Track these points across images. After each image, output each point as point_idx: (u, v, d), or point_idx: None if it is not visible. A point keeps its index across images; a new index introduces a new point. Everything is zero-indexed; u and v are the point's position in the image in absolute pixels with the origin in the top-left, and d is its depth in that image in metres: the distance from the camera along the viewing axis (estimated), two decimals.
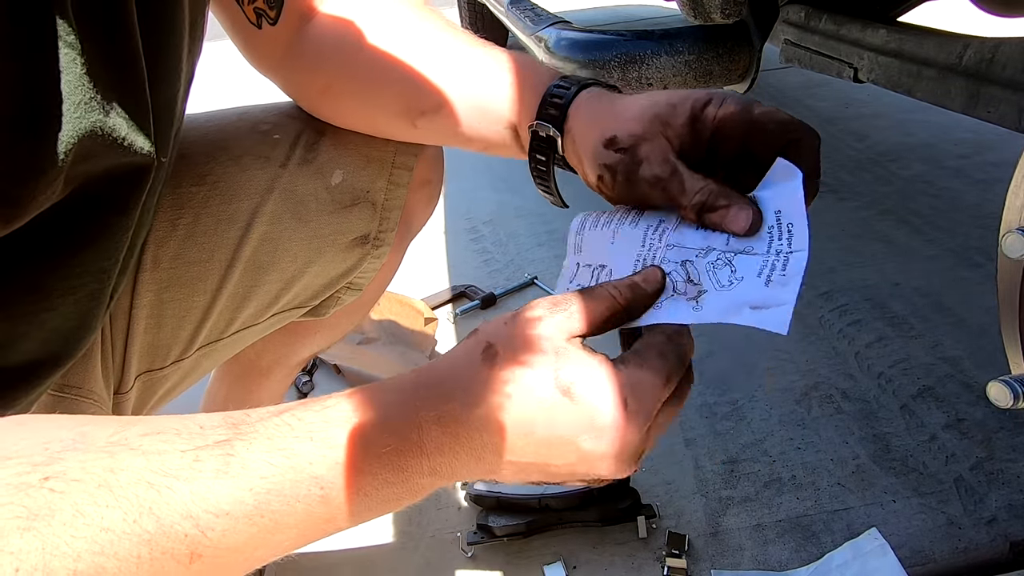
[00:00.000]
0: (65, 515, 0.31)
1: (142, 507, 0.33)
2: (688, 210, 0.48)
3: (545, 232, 1.84)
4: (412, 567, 0.98)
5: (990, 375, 0.66)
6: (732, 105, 0.49)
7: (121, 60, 0.42)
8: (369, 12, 0.66)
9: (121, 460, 0.34)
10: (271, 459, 0.36)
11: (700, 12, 1.19)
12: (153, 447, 0.35)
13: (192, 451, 0.35)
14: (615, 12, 4.22)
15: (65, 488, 0.32)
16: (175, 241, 0.65)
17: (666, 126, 0.50)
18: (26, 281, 0.43)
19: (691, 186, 0.48)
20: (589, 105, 0.55)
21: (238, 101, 0.77)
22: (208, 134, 0.69)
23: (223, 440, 0.36)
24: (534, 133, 0.58)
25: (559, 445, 0.41)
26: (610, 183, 0.52)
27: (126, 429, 0.35)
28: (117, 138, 0.43)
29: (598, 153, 0.52)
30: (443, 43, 0.64)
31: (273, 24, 0.64)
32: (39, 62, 0.37)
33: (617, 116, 0.52)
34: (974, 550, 0.92)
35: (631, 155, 0.50)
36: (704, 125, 0.50)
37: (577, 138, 0.55)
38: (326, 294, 0.75)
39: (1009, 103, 0.82)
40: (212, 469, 0.35)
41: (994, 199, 1.78)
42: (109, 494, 0.32)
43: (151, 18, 0.45)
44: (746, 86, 1.20)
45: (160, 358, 0.67)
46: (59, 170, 0.39)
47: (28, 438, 0.34)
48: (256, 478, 0.36)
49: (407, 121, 0.66)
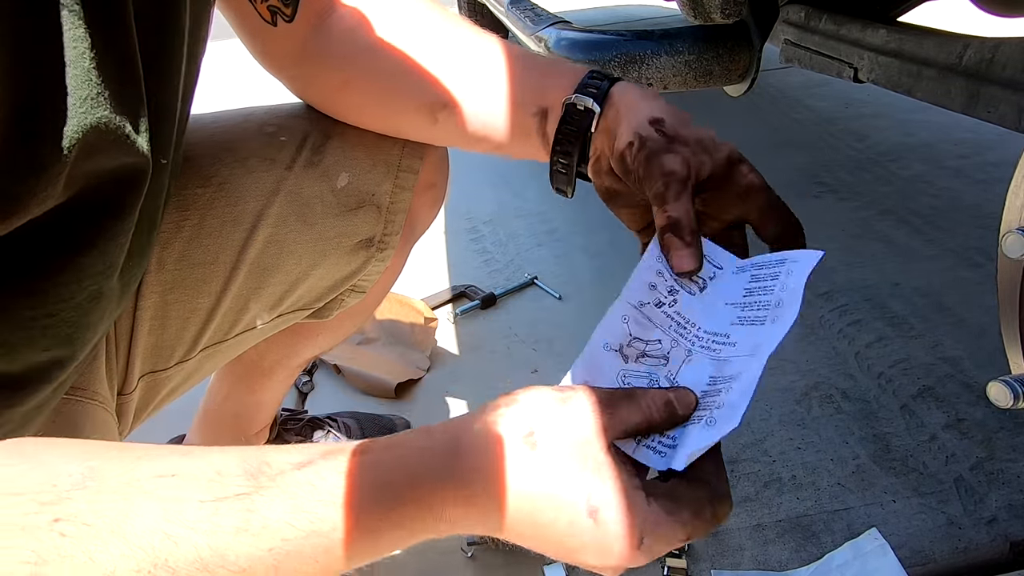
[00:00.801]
0: (76, 561, 0.30)
1: (157, 559, 0.32)
2: (660, 216, 0.51)
3: (545, 232, 1.84)
4: (412, 567, 0.98)
5: (990, 375, 0.66)
6: (758, 178, 0.55)
7: (120, 58, 0.42)
8: (387, 8, 0.66)
9: (135, 505, 0.33)
10: (294, 521, 0.36)
11: (700, 12, 1.19)
12: (169, 493, 0.34)
13: (212, 503, 0.35)
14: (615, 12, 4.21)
15: (76, 532, 0.31)
16: (180, 243, 0.65)
17: (706, 152, 0.53)
18: (26, 287, 0.43)
19: (681, 204, 0.50)
20: (640, 90, 0.58)
21: (244, 102, 0.77)
22: (213, 136, 0.69)
23: (243, 494, 0.36)
24: (570, 107, 0.59)
25: (565, 549, 0.41)
26: (634, 154, 0.54)
27: (136, 467, 0.35)
28: (120, 135, 0.42)
29: (643, 124, 0.54)
30: (465, 37, 0.65)
31: (289, 21, 0.64)
32: (44, 55, 0.36)
33: (671, 113, 0.55)
34: (974, 550, 0.92)
35: (667, 141, 0.53)
36: (736, 173, 0.54)
37: (623, 108, 0.57)
38: (330, 296, 0.75)
39: (1009, 103, 0.82)
40: (232, 526, 0.34)
41: (994, 199, 1.78)
42: (123, 543, 0.31)
43: (150, 19, 0.44)
44: (746, 86, 1.20)
45: (164, 359, 0.67)
46: (62, 166, 0.38)
47: (33, 471, 0.33)
48: (277, 539, 0.35)
49: (428, 115, 0.66)
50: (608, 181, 0.58)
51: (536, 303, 1.57)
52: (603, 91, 0.58)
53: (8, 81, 0.34)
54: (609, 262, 1.67)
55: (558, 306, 1.55)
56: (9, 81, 0.34)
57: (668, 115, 0.55)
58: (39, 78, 0.36)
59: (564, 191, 0.63)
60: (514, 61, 0.63)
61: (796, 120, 2.48)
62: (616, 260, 1.67)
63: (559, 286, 1.60)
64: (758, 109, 2.61)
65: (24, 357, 0.45)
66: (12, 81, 0.34)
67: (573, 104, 0.58)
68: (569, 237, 1.79)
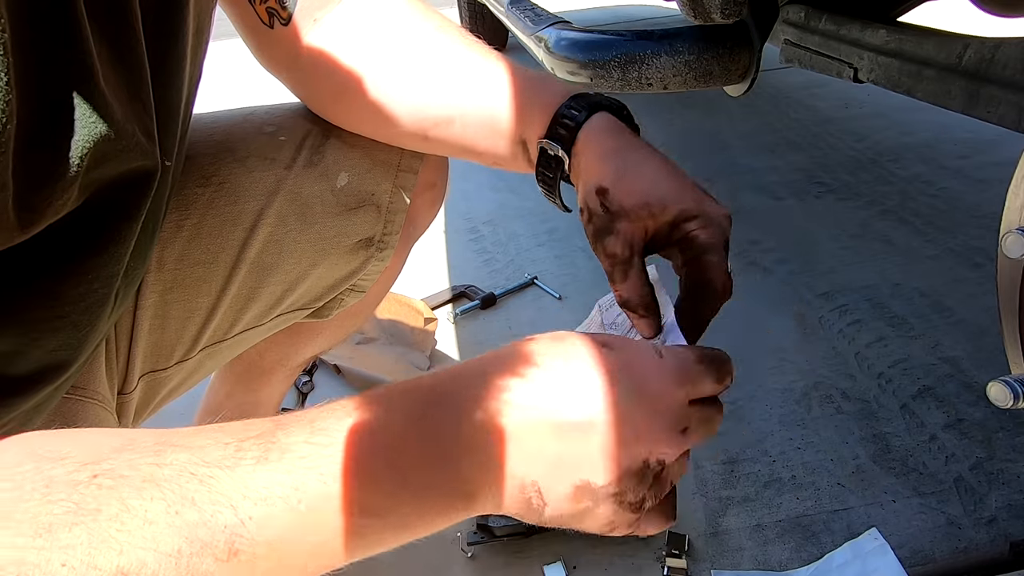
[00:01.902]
0: (112, 509, 0.31)
1: (185, 498, 0.33)
2: (614, 291, 0.55)
3: (545, 232, 1.84)
4: (412, 567, 0.98)
5: (990, 375, 0.66)
6: (705, 234, 0.54)
7: (128, 65, 0.42)
8: (382, 18, 0.66)
9: (166, 456, 0.34)
10: (311, 439, 0.37)
11: (700, 12, 1.19)
12: (198, 442, 0.35)
13: (235, 442, 0.36)
14: (615, 12, 4.22)
15: (113, 484, 0.32)
16: (180, 242, 0.65)
17: (651, 216, 0.54)
18: (39, 290, 0.44)
19: (629, 283, 0.54)
20: (600, 140, 0.58)
21: (244, 101, 0.77)
22: (214, 135, 0.69)
23: (265, 431, 0.37)
24: (542, 151, 0.60)
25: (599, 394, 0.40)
26: (585, 221, 0.57)
27: (168, 432, 0.36)
28: (130, 142, 0.43)
29: (589, 194, 0.56)
30: (456, 54, 0.65)
31: (285, 24, 0.64)
32: (55, 66, 0.37)
33: (622, 173, 0.55)
34: (974, 550, 0.92)
35: (609, 219, 0.55)
36: (678, 231, 0.55)
37: (582, 164, 0.58)
38: (330, 296, 0.75)
39: (1009, 103, 0.82)
40: (253, 457, 0.35)
41: (994, 199, 1.78)
42: (155, 488, 0.33)
43: (156, 23, 0.45)
44: (746, 86, 1.20)
45: (164, 358, 0.67)
46: (76, 174, 0.39)
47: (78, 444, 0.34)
48: (296, 458, 0.36)
49: (418, 132, 0.66)
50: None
51: (536, 303, 1.57)
52: (574, 131, 0.59)
53: (24, 91, 0.35)
54: None
55: (558, 306, 1.55)
56: (25, 91, 0.35)
57: (615, 182, 0.55)
58: (53, 87, 0.37)
59: (559, 209, 0.65)
60: (497, 79, 0.63)
61: (796, 120, 2.48)
62: None
63: (559, 286, 1.60)
64: (758, 109, 2.61)
65: (32, 358, 0.46)
66: (27, 91, 0.35)
67: (544, 150, 0.60)
68: (569, 237, 1.79)
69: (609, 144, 0.57)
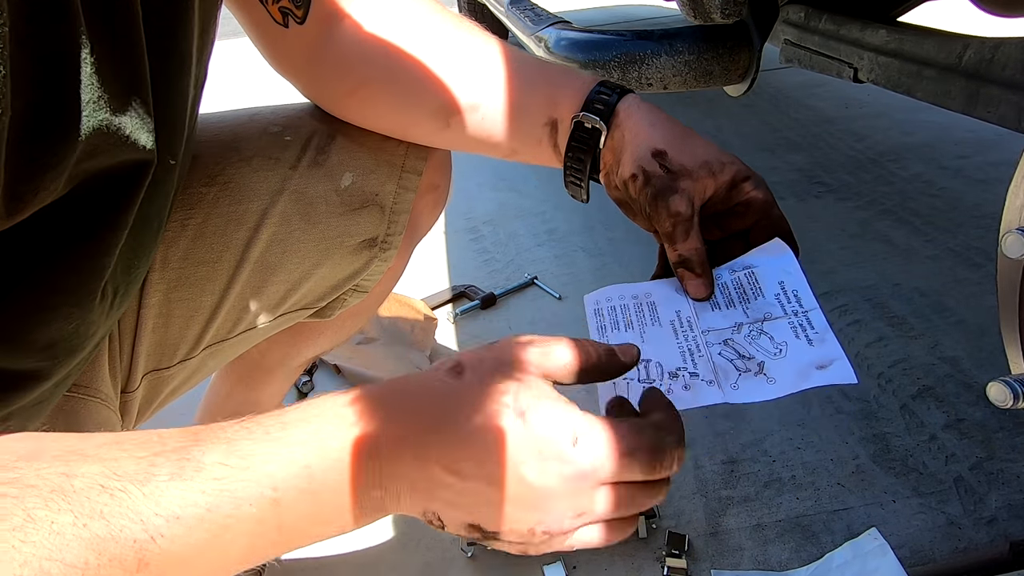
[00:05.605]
0: (16, 520, 0.31)
1: (93, 511, 0.32)
2: (672, 253, 0.57)
3: (545, 232, 1.84)
4: (412, 567, 0.98)
5: (990, 375, 0.67)
6: (762, 193, 0.58)
7: (125, 61, 0.42)
8: (401, 14, 0.66)
9: (76, 467, 0.33)
10: (226, 461, 0.36)
11: (700, 12, 1.19)
12: (110, 454, 0.35)
13: (148, 457, 0.35)
14: (615, 12, 4.22)
15: (18, 493, 0.31)
16: (184, 241, 0.65)
17: (711, 175, 0.57)
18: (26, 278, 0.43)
19: (689, 242, 0.56)
20: (648, 110, 0.60)
21: (249, 101, 0.77)
22: (219, 135, 0.69)
23: (180, 447, 0.36)
24: (578, 124, 0.61)
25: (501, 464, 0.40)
26: (638, 187, 0.57)
27: (84, 441, 0.36)
28: (123, 137, 0.43)
29: (645, 157, 0.57)
30: (480, 45, 0.66)
31: (301, 23, 0.64)
32: (52, 60, 0.37)
33: (676, 137, 0.57)
34: (974, 550, 0.93)
35: (671, 178, 0.56)
36: (737, 193, 0.58)
37: (628, 133, 0.59)
38: (333, 296, 0.75)
39: (1009, 103, 0.82)
40: (166, 472, 0.35)
41: (994, 199, 1.78)
42: (62, 499, 0.32)
43: (158, 22, 0.45)
44: (746, 86, 1.20)
45: (167, 357, 0.67)
46: (65, 166, 0.39)
47: None
48: (209, 479, 0.36)
49: (440, 120, 0.66)
50: (618, 193, 0.61)
51: (536, 303, 1.57)
52: (611, 107, 0.60)
53: (20, 83, 0.35)
54: (609, 262, 1.68)
55: (558, 306, 1.55)
56: (21, 83, 0.35)
57: (671, 144, 0.57)
58: (46, 83, 0.37)
59: (579, 198, 0.66)
60: (524, 68, 0.64)
61: (796, 120, 2.48)
62: (616, 260, 1.68)
63: (559, 286, 1.60)
64: (758, 109, 2.61)
65: (22, 351, 0.46)
66: (22, 85, 0.35)
67: (581, 122, 0.61)
68: (569, 237, 1.79)
69: (655, 114, 0.59)
